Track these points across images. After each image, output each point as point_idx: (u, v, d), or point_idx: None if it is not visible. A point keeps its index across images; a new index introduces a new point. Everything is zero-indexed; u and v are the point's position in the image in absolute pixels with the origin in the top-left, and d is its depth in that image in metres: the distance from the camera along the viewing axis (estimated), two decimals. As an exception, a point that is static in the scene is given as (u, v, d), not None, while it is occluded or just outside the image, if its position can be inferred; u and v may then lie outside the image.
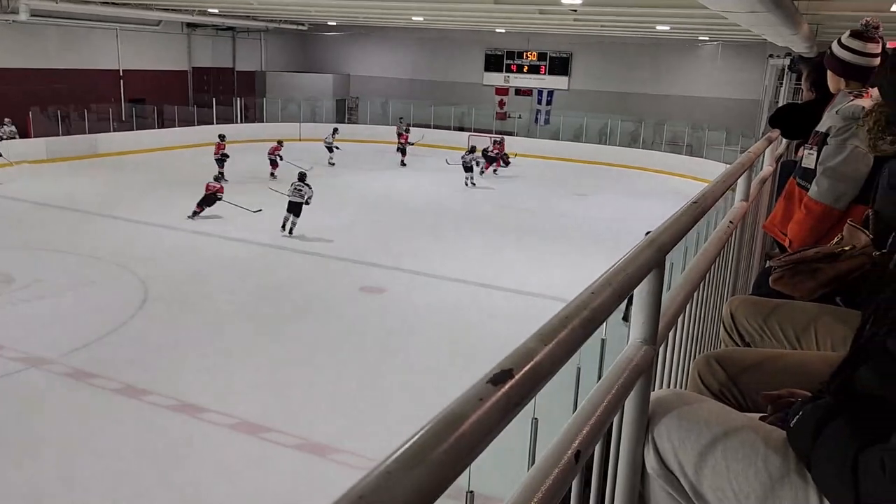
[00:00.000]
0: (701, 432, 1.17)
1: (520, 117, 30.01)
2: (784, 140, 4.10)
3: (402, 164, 25.08)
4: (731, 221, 2.19)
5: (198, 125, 27.13)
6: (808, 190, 3.01)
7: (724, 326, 2.05)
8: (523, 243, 15.17)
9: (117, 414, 7.74)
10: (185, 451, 7.09)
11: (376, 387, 8.53)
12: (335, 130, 25.44)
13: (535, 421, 5.93)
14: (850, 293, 2.11)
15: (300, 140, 28.80)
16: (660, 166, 25.60)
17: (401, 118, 28.94)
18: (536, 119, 30.29)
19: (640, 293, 1.19)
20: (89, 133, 23.74)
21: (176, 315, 10.47)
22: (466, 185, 21.37)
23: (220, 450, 7.16)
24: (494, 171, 24.03)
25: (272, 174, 21.10)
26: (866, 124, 2.36)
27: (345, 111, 32.02)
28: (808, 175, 3.07)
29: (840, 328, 1.85)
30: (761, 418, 1.25)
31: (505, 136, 27.01)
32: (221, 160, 20.72)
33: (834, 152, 2.89)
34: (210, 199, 16.41)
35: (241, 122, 28.92)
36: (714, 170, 23.55)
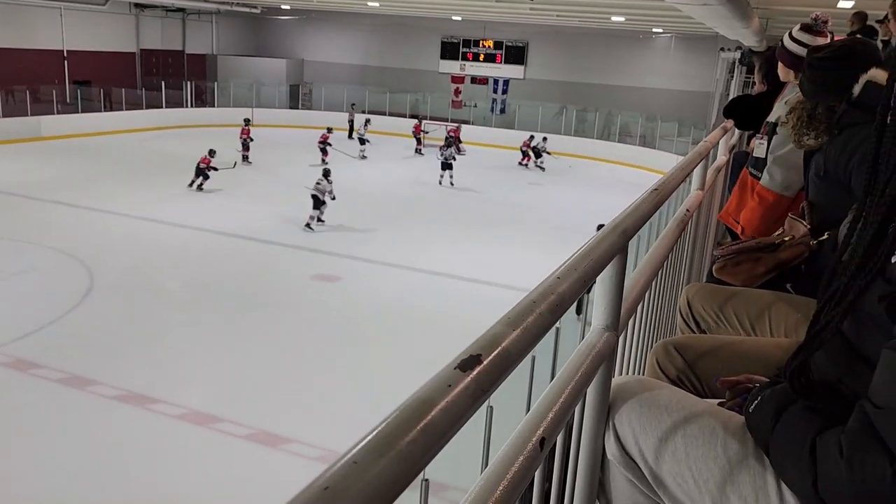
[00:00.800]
0: (661, 418, 1.17)
1: (475, 106, 30.01)
2: (737, 131, 4.17)
3: (419, 152, 24.72)
4: (687, 209, 2.21)
5: (146, 109, 26.45)
6: (759, 179, 3.09)
7: (681, 313, 2.07)
8: (478, 233, 15.20)
9: (62, 405, 7.52)
10: (133, 442, 6.93)
11: (329, 377, 8.46)
12: (367, 122, 24.74)
13: (490, 409, 5.96)
14: (793, 280, 2.16)
15: (252, 126, 28.32)
16: (613, 157, 25.88)
17: (353, 104, 28.63)
18: (492, 108, 30.33)
19: (603, 279, 1.18)
20: (32, 115, 22.92)
21: (123, 304, 10.21)
22: (441, 183, 19.90)
23: (168, 441, 7.02)
24: (525, 164, 24.01)
25: (323, 160, 20.79)
26: (790, 121, 2.43)
27: (298, 97, 31.57)
28: (760, 164, 3.17)
29: (793, 315, 1.88)
30: (720, 404, 1.26)
31: (461, 125, 27.02)
32: (246, 143, 21.20)
33: (783, 141, 2.98)
34: (198, 170, 17.18)
35: (192, 106, 28.29)
36: (666, 161, 23.92)
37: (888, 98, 1.00)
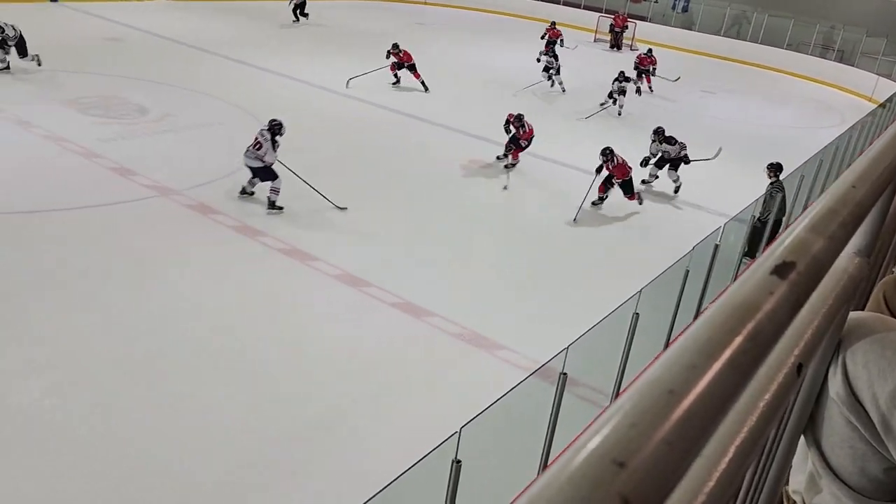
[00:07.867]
0: None
1: (656, 1, 28.00)
2: None
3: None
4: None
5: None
6: None
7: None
8: (641, 135, 14.48)
9: (230, 248, 8.19)
10: (290, 291, 7.49)
11: (468, 260, 8.68)
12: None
13: (637, 316, 5.82)
14: None
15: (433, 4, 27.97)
16: (802, 70, 23.58)
17: None
18: (674, 4, 28.21)
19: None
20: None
21: (299, 169, 10.55)
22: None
23: (321, 296, 7.50)
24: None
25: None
26: None
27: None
28: None
29: None
30: None
31: (637, 21, 25.40)
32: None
33: None
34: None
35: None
36: (864, 82, 21.50)
37: None
